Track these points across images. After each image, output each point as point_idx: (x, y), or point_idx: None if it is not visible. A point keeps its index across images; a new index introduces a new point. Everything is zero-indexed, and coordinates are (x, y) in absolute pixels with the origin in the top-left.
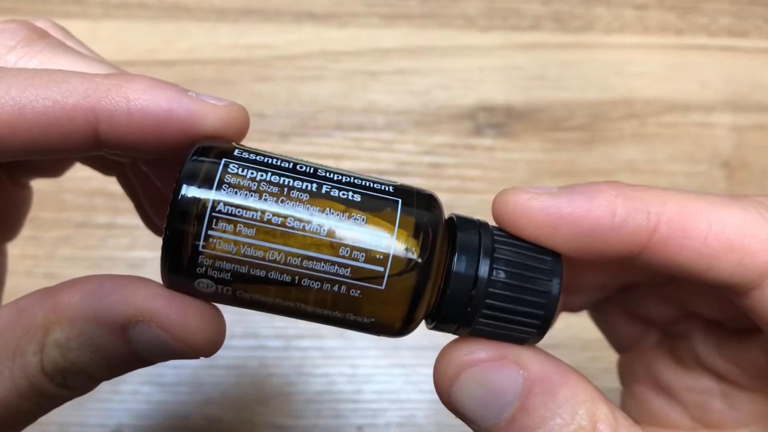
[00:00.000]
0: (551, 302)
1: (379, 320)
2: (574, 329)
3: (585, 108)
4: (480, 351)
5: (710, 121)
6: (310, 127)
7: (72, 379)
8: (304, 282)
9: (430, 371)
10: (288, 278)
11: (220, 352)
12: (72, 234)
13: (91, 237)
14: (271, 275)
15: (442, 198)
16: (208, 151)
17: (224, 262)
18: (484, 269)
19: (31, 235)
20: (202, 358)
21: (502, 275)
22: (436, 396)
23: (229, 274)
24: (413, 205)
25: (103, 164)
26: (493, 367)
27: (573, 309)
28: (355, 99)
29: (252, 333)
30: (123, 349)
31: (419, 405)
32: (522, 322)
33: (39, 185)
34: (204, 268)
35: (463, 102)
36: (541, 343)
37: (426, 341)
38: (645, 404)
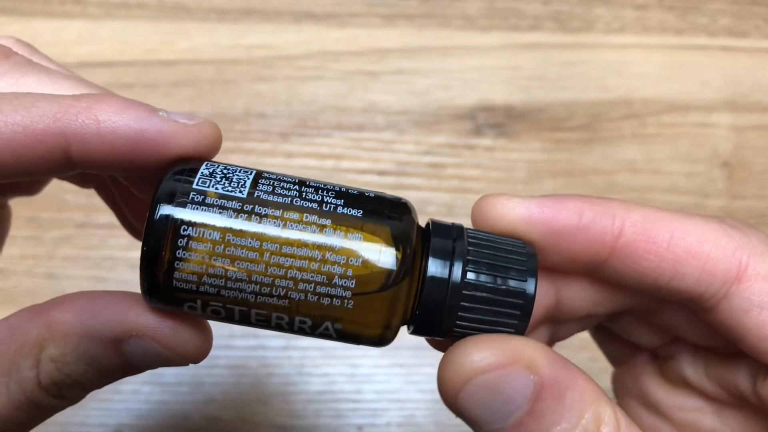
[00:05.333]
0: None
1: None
2: None
3: (585, 108)
4: (490, 355)
5: (710, 121)
6: (310, 127)
7: (67, 390)
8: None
9: (431, 371)
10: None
11: (220, 352)
12: (72, 234)
13: (92, 237)
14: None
15: (442, 198)
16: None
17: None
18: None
19: (32, 235)
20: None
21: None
22: (436, 396)
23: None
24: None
25: (80, 179)
26: (505, 374)
27: (561, 338)
28: (355, 99)
29: (252, 333)
30: (117, 360)
31: (419, 405)
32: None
33: None
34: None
35: (462, 102)
36: None
37: (426, 341)
38: (636, 420)
